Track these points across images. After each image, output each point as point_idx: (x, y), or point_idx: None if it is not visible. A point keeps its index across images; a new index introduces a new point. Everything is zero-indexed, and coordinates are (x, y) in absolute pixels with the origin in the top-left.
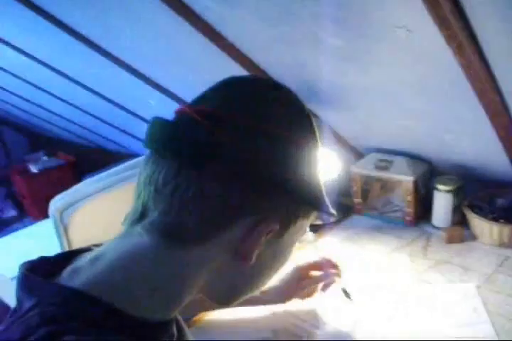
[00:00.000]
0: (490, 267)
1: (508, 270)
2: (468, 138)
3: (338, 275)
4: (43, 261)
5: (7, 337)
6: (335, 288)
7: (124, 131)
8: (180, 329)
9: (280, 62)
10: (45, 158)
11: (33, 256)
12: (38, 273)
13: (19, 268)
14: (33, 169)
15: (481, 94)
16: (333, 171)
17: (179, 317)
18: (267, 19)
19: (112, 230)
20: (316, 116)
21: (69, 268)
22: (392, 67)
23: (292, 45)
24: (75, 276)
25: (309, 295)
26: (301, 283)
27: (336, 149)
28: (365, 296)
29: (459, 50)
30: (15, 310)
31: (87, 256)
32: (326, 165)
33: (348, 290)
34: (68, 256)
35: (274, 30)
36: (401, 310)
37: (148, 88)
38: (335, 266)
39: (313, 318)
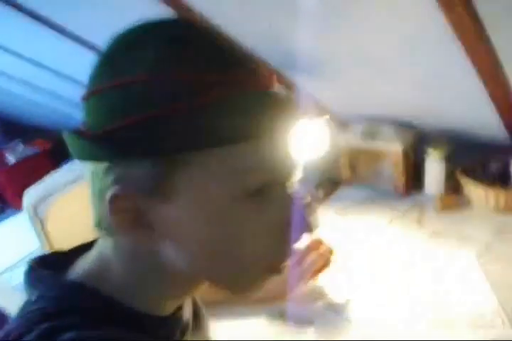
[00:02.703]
0: (487, 235)
1: (505, 236)
2: (459, 101)
3: (329, 258)
4: (54, 254)
5: (8, 332)
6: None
7: None
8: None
9: (254, 29)
10: (21, 146)
11: (12, 248)
12: (48, 267)
13: (27, 263)
14: (11, 159)
15: (471, 53)
16: (321, 144)
17: (199, 304)
18: None
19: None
20: (295, 85)
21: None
22: (375, 31)
23: (267, 10)
24: (75, 269)
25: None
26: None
27: (320, 120)
28: (363, 271)
29: (447, 6)
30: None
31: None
32: (313, 139)
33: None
34: (84, 249)
35: None
36: (401, 283)
37: None
38: (325, 247)
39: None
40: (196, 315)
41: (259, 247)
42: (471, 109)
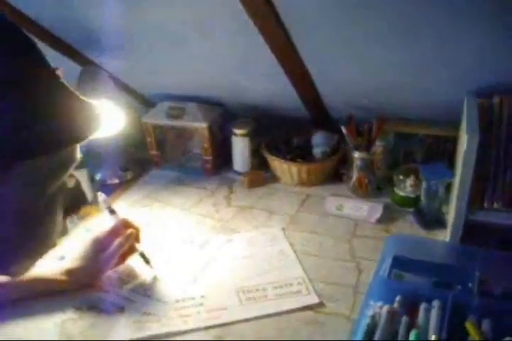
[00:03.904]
0: (292, 208)
1: (309, 208)
2: (258, 78)
3: (137, 238)
4: None
5: None
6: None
7: None
8: None
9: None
10: None
11: None
12: None
13: None
14: None
15: (263, 30)
16: (117, 124)
17: None
18: None
19: None
20: (96, 64)
21: None
22: (170, 6)
23: None
24: None
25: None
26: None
27: (123, 100)
28: (169, 255)
29: None
30: None
31: None
32: (107, 118)
33: (146, 255)
34: None
35: None
36: (210, 263)
37: None
38: (132, 227)
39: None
40: None
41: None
42: (272, 87)
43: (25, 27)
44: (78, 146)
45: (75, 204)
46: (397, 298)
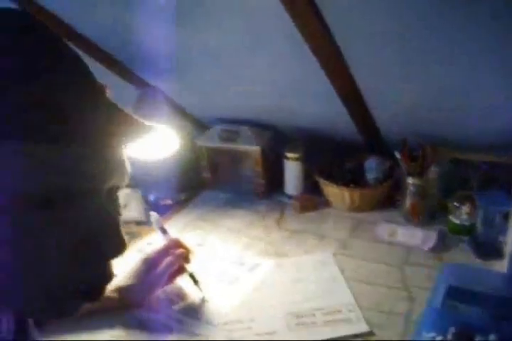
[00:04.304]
0: (344, 233)
1: (361, 234)
2: (311, 100)
3: (187, 258)
4: None
5: None
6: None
7: None
8: None
9: (100, 25)
10: None
11: None
12: None
13: None
14: None
15: (317, 52)
16: (169, 147)
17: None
18: None
19: None
20: (150, 85)
21: None
22: (224, 30)
23: (113, 4)
24: None
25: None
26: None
27: (179, 123)
28: (218, 277)
29: (291, 5)
30: None
31: None
32: (160, 141)
33: (196, 276)
34: None
35: None
36: (259, 286)
37: None
38: (183, 247)
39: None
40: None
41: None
42: (324, 110)
43: (87, 50)
44: (126, 158)
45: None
46: (451, 330)
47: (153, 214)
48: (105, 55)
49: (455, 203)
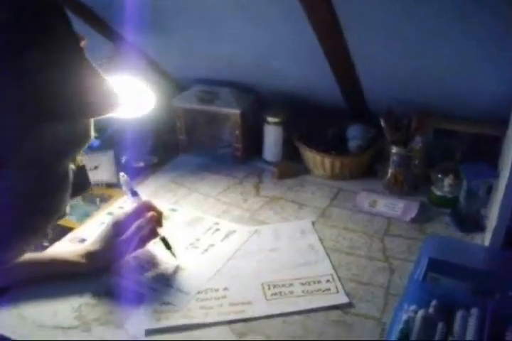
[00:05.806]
0: (324, 201)
1: (341, 203)
2: (296, 64)
3: (159, 222)
4: None
5: None
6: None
7: None
8: None
9: None
10: None
11: None
12: None
13: None
14: None
15: (312, 12)
16: (146, 105)
17: None
18: None
19: None
20: (124, 39)
21: None
22: None
23: None
24: None
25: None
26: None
27: (154, 81)
28: (193, 244)
29: None
30: None
31: None
32: (137, 98)
33: (168, 241)
34: None
35: None
36: (235, 254)
37: None
38: (155, 210)
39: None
40: None
41: None
42: (309, 74)
43: None
44: (92, 124)
45: (76, 188)
46: (433, 303)
47: (123, 176)
48: (81, 5)
49: (438, 174)
